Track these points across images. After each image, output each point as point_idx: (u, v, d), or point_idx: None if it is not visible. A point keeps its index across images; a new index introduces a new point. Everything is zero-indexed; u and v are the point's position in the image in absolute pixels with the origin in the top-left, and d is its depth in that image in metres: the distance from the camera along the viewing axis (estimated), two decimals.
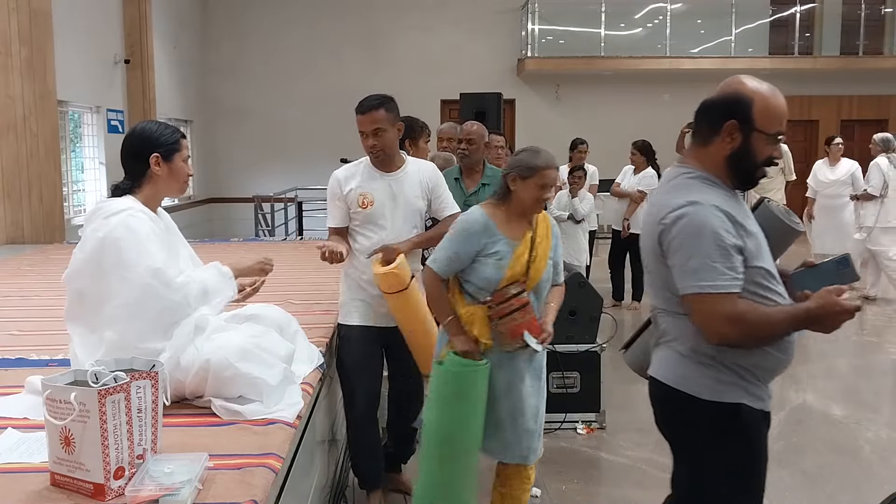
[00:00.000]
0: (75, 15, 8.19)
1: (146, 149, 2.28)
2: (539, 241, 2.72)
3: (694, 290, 1.82)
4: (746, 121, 1.89)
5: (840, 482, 3.65)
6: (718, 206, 1.85)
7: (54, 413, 1.63)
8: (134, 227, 2.16)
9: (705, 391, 1.92)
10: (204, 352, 2.15)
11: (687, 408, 1.96)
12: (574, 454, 3.94)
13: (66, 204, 7.94)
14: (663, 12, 13.28)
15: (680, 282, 1.85)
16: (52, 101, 7.09)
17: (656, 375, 2.04)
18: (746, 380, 1.92)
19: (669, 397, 2.00)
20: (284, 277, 4.25)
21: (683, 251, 1.84)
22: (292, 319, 2.62)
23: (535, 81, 13.38)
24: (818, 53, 13.57)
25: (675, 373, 1.98)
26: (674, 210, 1.86)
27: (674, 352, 1.99)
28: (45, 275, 4.71)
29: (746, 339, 1.86)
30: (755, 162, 1.93)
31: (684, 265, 1.83)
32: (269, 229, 10.03)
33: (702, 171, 1.95)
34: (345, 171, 3.14)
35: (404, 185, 3.09)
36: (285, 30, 12.87)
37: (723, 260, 1.80)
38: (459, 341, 2.68)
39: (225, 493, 1.66)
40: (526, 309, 2.64)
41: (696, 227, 1.82)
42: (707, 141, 1.95)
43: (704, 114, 1.97)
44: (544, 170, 2.65)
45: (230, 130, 13.07)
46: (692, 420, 1.98)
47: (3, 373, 2.62)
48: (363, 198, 3.05)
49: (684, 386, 1.95)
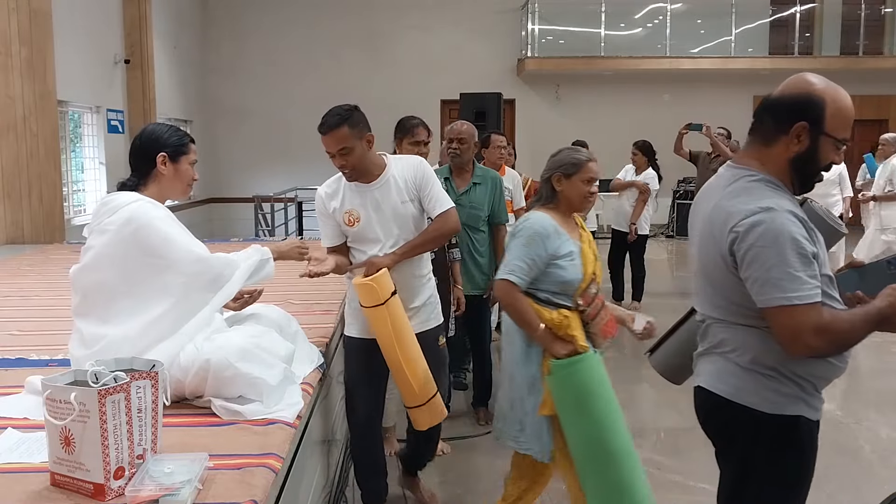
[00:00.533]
0: (75, 15, 8.19)
1: (154, 148, 2.31)
2: (588, 237, 2.74)
3: (778, 303, 1.73)
4: (817, 123, 1.81)
5: (840, 482, 3.65)
6: (793, 211, 1.77)
7: (54, 413, 1.63)
8: (151, 214, 2.20)
9: (765, 404, 1.86)
10: (204, 352, 2.15)
11: (742, 420, 1.90)
12: None
13: (66, 204, 7.93)
14: (663, 12, 13.29)
15: (760, 294, 1.76)
16: (52, 101, 7.09)
17: (707, 386, 1.97)
18: (806, 391, 1.87)
19: (721, 408, 1.94)
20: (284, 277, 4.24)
21: (762, 261, 1.74)
22: (292, 319, 2.62)
23: (535, 81, 13.38)
24: (818, 53, 13.58)
25: (731, 384, 1.91)
26: (747, 217, 1.77)
27: (730, 363, 1.91)
28: (45, 275, 4.71)
29: (833, 348, 1.80)
30: (819, 166, 1.85)
31: (765, 276, 1.74)
32: (269, 229, 10.03)
33: (764, 174, 1.86)
34: (327, 187, 3.00)
35: (389, 193, 2.91)
36: (285, 30, 12.87)
37: (804, 269, 1.72)
38: (559, 346, 2.57)
39: (225, 493, 1.66)
40: (605, 307, 2.66)
41: (775, 235, 1.73)
42: (770, 141, 1.86)
43: (769, 112, 1.87)
44: (587, 163, 2.63)
45: (230, 130, 13.07)
46: (748, 432, 1.91)
47: (3, 373, 2.62)
48: (349, 215, 2.92)
49: (741, 398, 1.89)
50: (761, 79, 13.51)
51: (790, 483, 1.92)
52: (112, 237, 2.18)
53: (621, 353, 5.78)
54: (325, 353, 2.86)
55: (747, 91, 13.61)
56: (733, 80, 13.22)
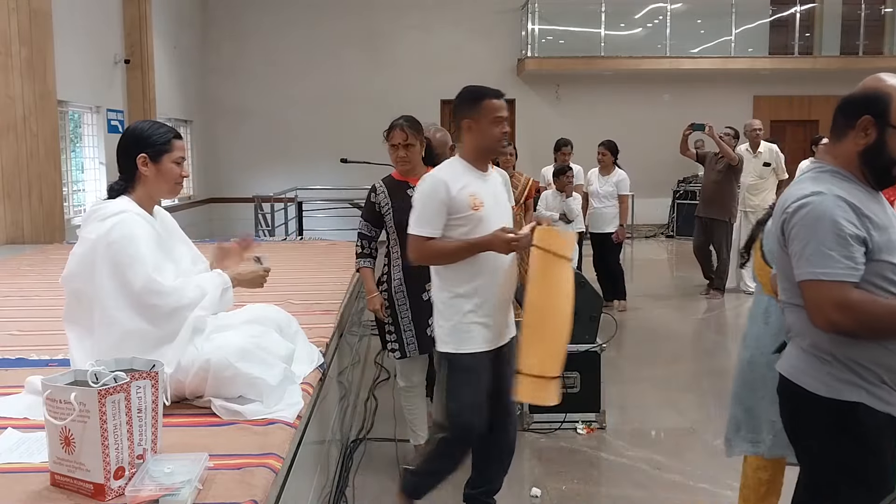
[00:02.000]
0: (75, 15, 8.18)
1: (134, 149, 2.26)
2: None
3: (806, 277, 1.84)
4: (881, 116, 1.89)
5: None
6: (843, 196, 1.85)
7: (54, 413, 1.63)
8: (127, 231, 2.15)
9: (822, 387, 1.92)
10: (204, 352, 2.15)
11: (805, 404, 1.97)
12: (574, 454, 3.94)
13: (66, 204, 7.93)
14: (663, 12, 13.28)
15: (796, 269, 1.88)
16: (52, 101, 7.09)
17: (781, 370, 2.05)
18: (866, 379, 1.89)
19: (791, 393, 2.01)
20: (284, 277, 4.25)
21: (800, 238, 1.86)
22: (292, 319, 2.62)
23: (535, 81, 13.38)
24: (818, 53, 13.57)
25: (797, 367, 1.99)
26: (797, 200, 1.89)
27: (797, 347, 2.00)
28: (45, 275, 4.71)
29: (861, 328, 1.84)
30: (889, 159, 1.92)
31: (801, 252, 1.86)
32: (269, 229, 10.03)
33: (834, 166, 1.95)
34: (443, 172, 2.76)
35: (498, 187, 2.87)
36: (286, 30, 12.87)
37: (839, 248, 1.81)
38: None
39: (225, 493, 1.66)
40: None
41: (817, 216, 1.84)
42: (841, 136, 1.96)
43: (841, 110, 1.97)
44: None
45: (230, 130, 13.06)
46: (810, 417, 1.98)
47: (3, 373, 2.62)
48: (473, 198, 2.69)
49: (803, 381, 1.96)
50: (761, 79, 13.53)
51: (851, 474, 1.93)
52: (84, 247, 2.18)
53: (621, 354, 5.78)
54: (325, 353, 2.86)
55: (747, 91, 13.61)
56: (733, 80, 13.22)
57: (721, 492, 3.45)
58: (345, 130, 12.36)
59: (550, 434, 4.14)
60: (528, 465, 3.84)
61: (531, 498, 3.43)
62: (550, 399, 2.65)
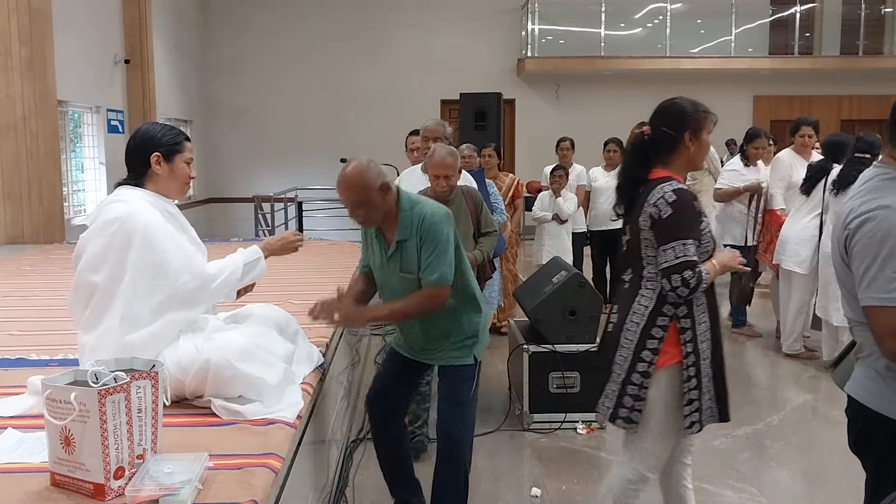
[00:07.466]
0: (75, 15, 8.18)
1: (148, 148, 2.29)
2: None
3: (869, 303, 1.72)
4: None
5: (840, 482, 3.65)
6: None
7: (54, 413, 1.63)
8: (153, 219, 2.19)
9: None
10: (204, 352, 2.15)
11: (877, 426, 1.84)
12: (574, 454, 3.94)
13: (66, 204, 7.93)
14: (663, 12, 13.28)
15: (860, 292, 1.75)
16: (52, 101, 7.09)
17: (849, 391, 1.93)
18: None
19: (859, 413, 1.89)
20: (284, 277, 4.25)
21: (863, 258, 1.73)
22: (292, 319, 2.62)
23: (535, 81, 13.38)
24: (818, 53, 13.58)
25: (868, 389, 1.86)
26: (861, 214, 1.76)
27: (870, 368, 1.86)
28: (45, 275, 4.71)
29: None
30: None
31: (864, 274, 1.73)
32: (269, 229, 10.03)
33: None
34: None
35: None
36: (285, 30, 12.87)
37: None
38: None
39: (225, 493, 1.66)
40: None
41: (883, 234, 1.70)
42: None
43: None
44: None
45: (230, 130, 13.06)
46: (882, 439, 1.85)
47: (3, 373, 2.62)
48: None
49: (875, 404, 1.84)
50: (761, 79, 13.53)
51: None
52: (107, 240, 2.17)
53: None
54: (325, 353, 2.86)
55: (747, 91, 13.61)
56: (733, 80, 13.21)
57: (721, 492, 3.45)
58: (345, 130, 12.39)
59: (550, 434, 4.14)
60: (528, 465, 3.84)
61: (531, 498, 3.43)
62: None
